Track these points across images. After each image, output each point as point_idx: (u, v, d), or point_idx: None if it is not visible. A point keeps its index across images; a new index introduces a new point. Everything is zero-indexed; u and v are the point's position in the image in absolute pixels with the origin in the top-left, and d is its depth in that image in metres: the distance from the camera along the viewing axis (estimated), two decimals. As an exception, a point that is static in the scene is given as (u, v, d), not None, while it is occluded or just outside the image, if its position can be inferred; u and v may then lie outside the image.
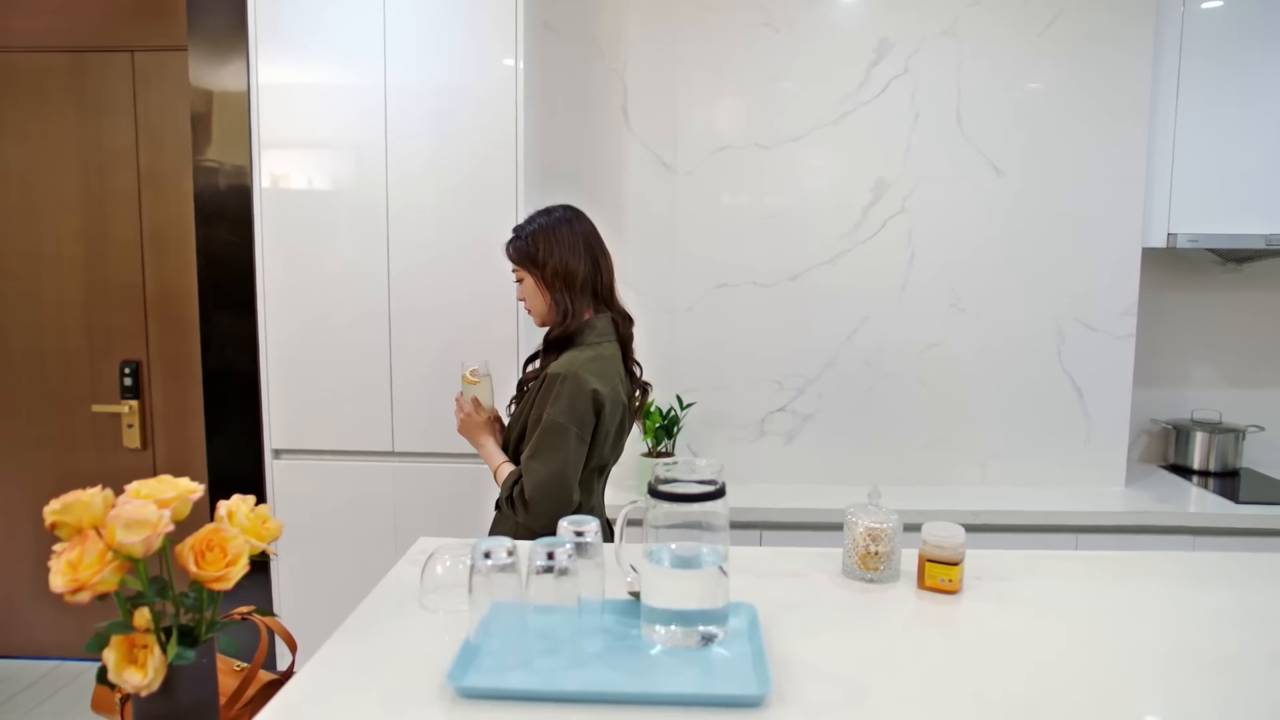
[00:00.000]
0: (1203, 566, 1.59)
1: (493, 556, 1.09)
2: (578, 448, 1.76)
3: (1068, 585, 1.44)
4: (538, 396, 1.80)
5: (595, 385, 1.76)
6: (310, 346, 2.47)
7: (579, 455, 1.76)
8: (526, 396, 1.88)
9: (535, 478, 1.73)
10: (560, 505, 1.71)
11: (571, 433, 1.74)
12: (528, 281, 1.90)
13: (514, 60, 2.35)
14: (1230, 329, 2.99)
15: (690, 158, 2.72)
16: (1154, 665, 1.16)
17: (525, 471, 1.76)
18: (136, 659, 1.05)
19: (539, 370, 1.90)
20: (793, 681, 1.08)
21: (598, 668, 1.10)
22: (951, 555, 1.37)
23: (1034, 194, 2.67)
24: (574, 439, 1.74)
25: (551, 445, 1.74)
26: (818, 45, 2.67)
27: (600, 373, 1.80)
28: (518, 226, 1.95)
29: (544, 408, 1.76)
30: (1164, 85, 2.61)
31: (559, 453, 1.73)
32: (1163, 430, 3.03)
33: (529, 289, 1.91)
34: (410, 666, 1.11)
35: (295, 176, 2.44)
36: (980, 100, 2.65)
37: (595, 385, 1.76)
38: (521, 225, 1.94)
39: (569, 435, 1.74)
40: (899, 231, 2.71)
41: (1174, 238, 2.63)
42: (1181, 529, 2.48)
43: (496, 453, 1.93)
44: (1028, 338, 2.73)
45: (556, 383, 1.76)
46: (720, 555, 1.18)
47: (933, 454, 2.78)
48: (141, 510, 1.03)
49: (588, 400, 1.76)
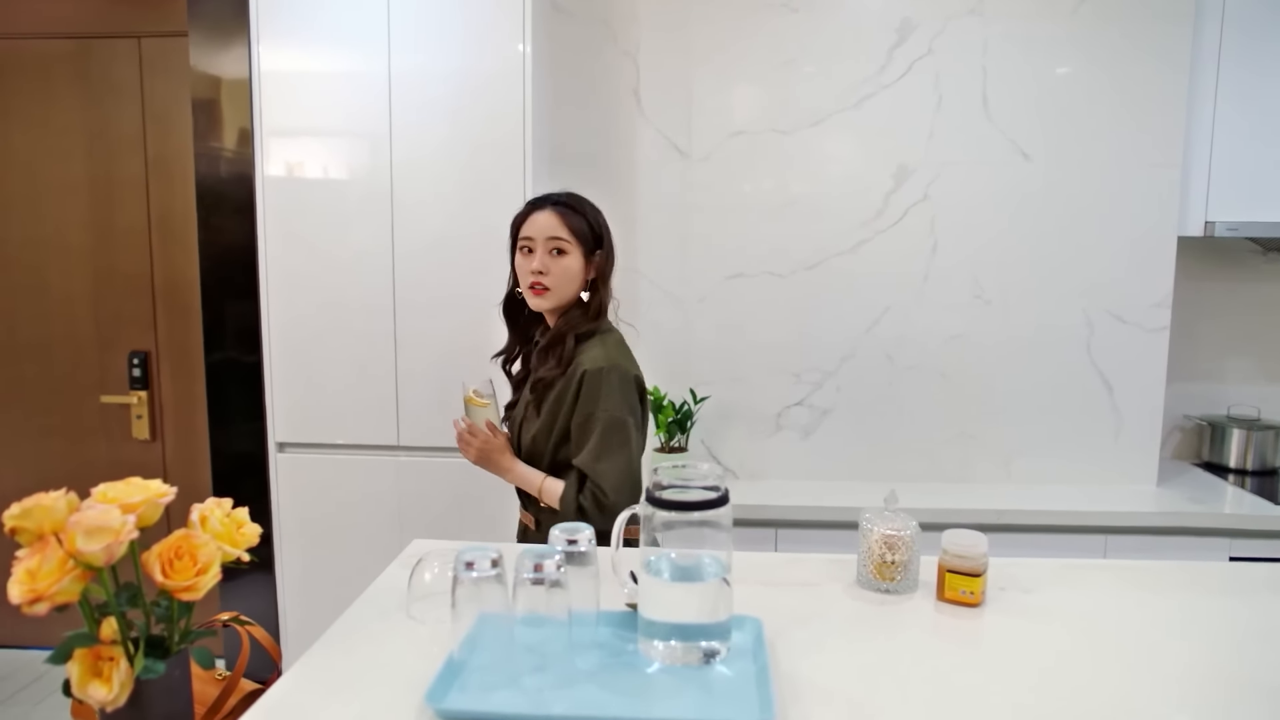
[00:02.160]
0: (1244, 579, 1.48)
1: (476, 567, 1.02)
2: (639, 438, 1.74)
3: (1098, 598, 1.34)
4: (578, 395, 1.69)
5: (636, 372, 1.76)
6: (314, 338, 2.41)
7: (641, 445, 1.75)
8: (550, 396, 1.75)
9: (612, 479, 1.67)
10: (636, 498, 1.64)
11: (631, 424, 1.71)
12: (570, 259, 1.75)
13: (522, 44, 2.28)
14: (1270, 322, 2.87)
15: (705, 143, 2.63)
16: (1193, 692, 1.07)
17: (596, 475, 1.67)
18: (101, 672, 1.00)
19: (554, 365, 1.74)
20: (799, 704, 1.00)
21: (589, 687, 1.02)
22: (974, 566, 1.29)
23: (1063, 180, 2.56)
24: (634, 430, 1.72)
25: (618, 441, 1.69)
26: (837, 26, 2.57)
27: (631, 359, 1.78)
28: (565, 196, 1.80)
29: (592, 406, 1.68)
30: (1203, 66, 2.48)
31: (626, 447, 1.69)
32: (1197, 427, 2.92)
33: (567, 268, 1.74)
34: (391, 682, 1.05)
35: (298, 164, 2.38)
36: (1007, 83, 2.54)
37: (636, 372, 1.76)
38: (568, 197, 1.80)
39: (630, 428, 1.70)
40: (921, 219, 2.61)
41: (1212, 226, 2.52)
42: (1217, 530, 2.37)
43: (532, 471, 1.79)
44: (1055, 330, 2.62)
45: (602, 378, 1.68)
46: (723, 566, 1.10)
47: (955, 450, 2.68)
48: (104, 516, 0.97)
49: (633, 388, 1.74)
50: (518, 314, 1.89)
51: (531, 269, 1.74)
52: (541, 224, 1.75)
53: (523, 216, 1.79)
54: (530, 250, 1.76)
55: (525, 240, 1.77)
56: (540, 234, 1.74)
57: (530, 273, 1.74)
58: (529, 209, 1.80)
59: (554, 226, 1.74)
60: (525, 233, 1.77)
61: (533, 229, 1.75)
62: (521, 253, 1.78)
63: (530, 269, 1.74)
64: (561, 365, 1.74)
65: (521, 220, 1.79)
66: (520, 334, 1.90)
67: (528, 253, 1.76)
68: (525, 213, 1.80)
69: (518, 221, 1.80)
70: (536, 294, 1.75)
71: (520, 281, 1.79)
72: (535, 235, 1.75)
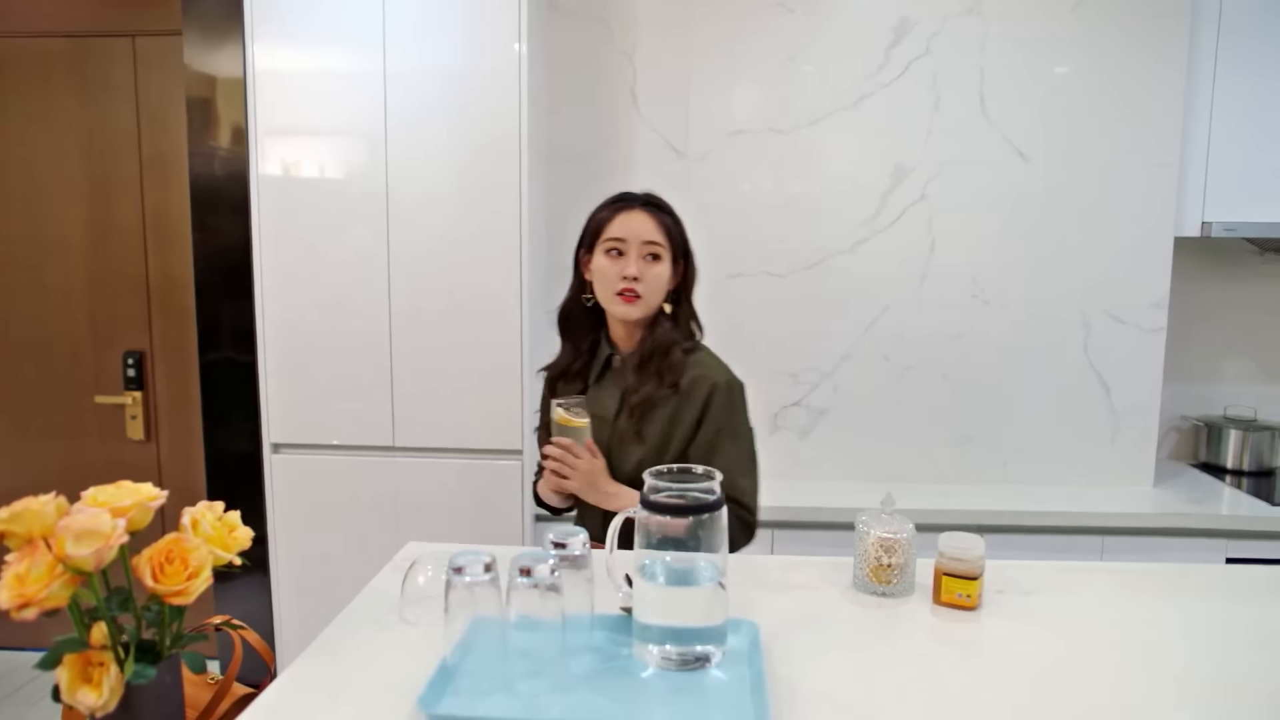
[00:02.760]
0: (1244, 581, 1.48)
1: (469, 571, 1.01)
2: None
3: (1095, 601, 1.34)
4: (704, 410, 1.59)
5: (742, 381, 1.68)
6: (309, 338, 2.40)
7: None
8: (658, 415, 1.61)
9: (753, 497, 1.60)
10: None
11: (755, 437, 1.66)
12: (663, 267, 1.61)
13: (518, 44, 2.27)
14: (1267, 323, 2.86)
15: (702, 143, 2.62)
16: (1191, 694, 1.06)
17: (738, 492, 1.56)
18: (91, 677, 0.99)
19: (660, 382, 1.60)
20: (795, 710, 0.99)
21: (583, 692, 1.02)
22: (970, 569, 1.28)
23: (1061, 180, 2.56)
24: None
25: (751, 457, 1.63)
26: (835, 26, 2.56)
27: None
28: (654, 196, 1.66)
29: (726, 421, 1.60)
30: (1200, 66, 2.48)
31: (755, 464, 1.64)
32: (1194, 427, 2.91)
33: (659, 275, 1.61)
34: (386, 686, 1.04)
35: (294, 164, 2.37)
36: (1005, 83, 2.54)
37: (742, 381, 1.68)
38: (657, 198, 1.66)
39: (755, 440, 1.66)
40: (919, 219, 2.60)
41: (1209, 226, 2.51)
42: (1214, 532, 2.37)
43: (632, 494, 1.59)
44: (1052, 330, 2.62)
45: (732, 392, 1.62)
46: (719, 569, 1.10)
47: (953, 451, 2.68)
48: (93, 520, 0.96)
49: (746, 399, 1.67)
50: (577, 323, 1.72)
51: (625, 274, 1.57)
52: (637, 226, 1.60)
53: (608, 215, 1.63)
54: (620, 254, 1.59)
55: (615, 242, 1.59)
56: (635, 236, 1.59)
57: (622, 278, 1.58)
58: (616, 207, 1.63)
59: (650, 230, 1.60)
60: (615, 233, 1.60)
61: (625, 230, 1.59)
62: (608, 256, 1.60)
63: (622, 274, 1.58)
64: (670, 382, 1.60)
65: (607, 219, 1.62)
66: (577, 346, 1.72)
67: (616, 256, 1.59)
68: (611, 211, 1.63)
69: (601, 220, 1.63)
70: (627, 301, 1.59)
71: (601, 287, 1.62)
72: (629, 238, 1.59)
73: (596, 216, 1.65)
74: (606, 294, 1.61)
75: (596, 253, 1.62)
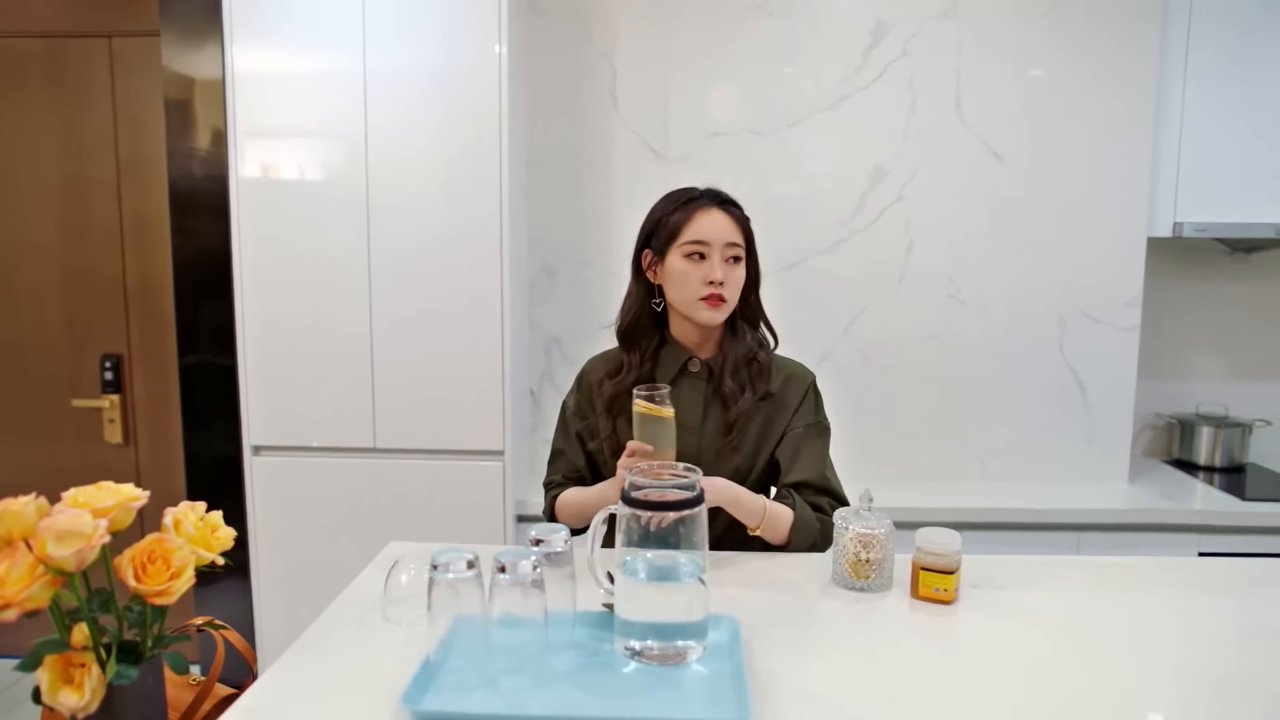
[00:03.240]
0: (1211, 575, 1.51)
1: (452, 569, 1.02)
2: None
3: (1070, 595, 1.36)
4: (799, 407, 1.60)
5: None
6: (290, 340, 2.40)
7: None
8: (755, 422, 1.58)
9: (842, 491, 1.60)
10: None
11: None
12: (743, 269, 1.55)
13: (498, 45, 2.27)
14: (1237, 321, 2.91)
15: (681, 144, 2.64)
16: (1160, 685, 1.08)
17: (831, 485, 1.58)
18: (73, 679, 0.99)
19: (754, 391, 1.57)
20: (774, 703, 1.01)
21: (566, 687, 1.03)
22: (947, 564, 1.30)
23: (1035, 182, 2.59)
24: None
25: (828, 451, 1.63)
26: (813, 28, 2.58)
27: None
28: (725, 194, 1.57)
29: (815, 416, 1.61)
30: (1171, 68, 2.52)
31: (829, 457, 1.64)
32: (1167, 425, 2.96)
33: (740, 279, 1.55)
34: (368, 684, 1.04)
35: (273, 165, 2.36)
36: (980, 85, 2.57)
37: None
38: (728, 196, 1.58)
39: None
40: (897, 220, 2.63)
41: (1180, 226, 2.55)
42: (1187, 527, 2.41)
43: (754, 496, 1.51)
44: (1028, 329, 2.65)
45: (816, 388, 1.64)
46: (699, 565, 1.11)
47: (930, 449, 2.71)
48: (75, 521, 0.96)
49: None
50: (643, 331, 1.62)
51: (711, 278, 1.49)
52: (718, 226, 1.51)
53: (684, 216, 1.53)
54: (702, 256, 1.51)
55: (697, 245, 1.50)
56: (718, 238, 1.51)
57: (707, 283, 1.49)
58: (691, 206, 1.54)
59: (730, 230, 1.52)
60: (696, 235, 1.51)
61: (708, 231, 1.51)
62: (689, 260, 1.51)
63: (708, 278, 1.49)
64: (764, 392, 1.57)
65: (684, 220, 1.52)
66: (643, 354, 1.60)
67: (699, 259, 1.51)
68: (686, 211, 1.53)
69: (677, 222, 1.53)
70: (712, 305, 1.51)
71: (680, 291, 1.53)
72: (712, 240, 1.50)
73: (670, 218, 1.54)
74: (688, 299, 1.52)
75: (672, 255, 1.52)
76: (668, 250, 1.53)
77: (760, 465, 1.58)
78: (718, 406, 1.56)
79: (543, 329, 2.73)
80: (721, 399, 1.54)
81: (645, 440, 1.41)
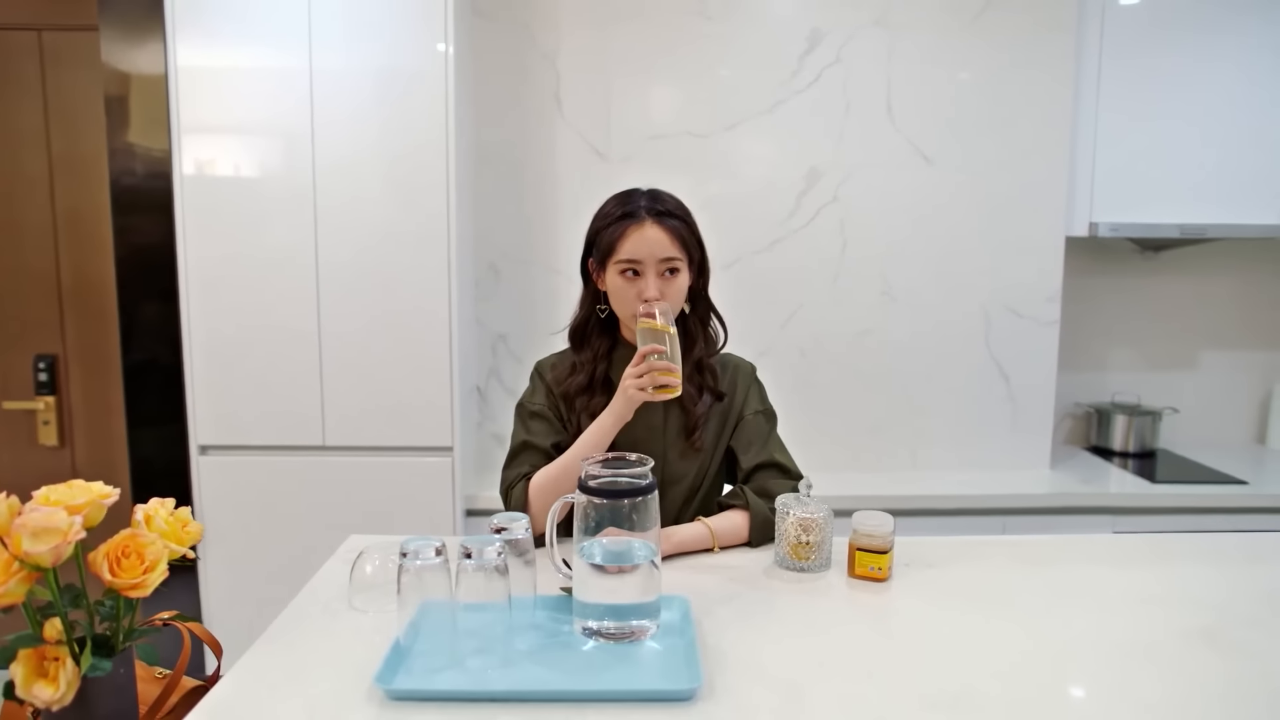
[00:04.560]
0: (1122, 550, 1.64)
1: (421, 555, 1.07)
2: None
3: (993, 571, 1.47)
4: (745, 398, 1.66)
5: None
6: (237, 338, 2.40)
7: None
8: (712, 424, 1.64)
9: (794, 460, 1.66)
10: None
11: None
12: (683, 277, 1.54)
13: (445, 45, 2.31)
14: (1147, 314, 3.10)
15: (624, 146, 2.70)
16: (1075, 650, 1.19)
17: (782, 463, 1.63)
18: (47, 672, 1.02)
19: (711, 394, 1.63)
20: (724, 675, 1.08)
21: (529, 666, 1.09)
22: (881, 544, 1.39)
23: (962, 184, 2.72)
24: None
25: (777, 429, 1.70)
26: (751, 34, 2.67)
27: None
28: (660, 202, 1.54)
29: (759, 404, 1.68)
30: (1086, 78, 2.68)
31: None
32: (1085, 413, 3.13)
33: (681, 288, 1.54)
34: (339, 669, 1.09)
35: (219, 162, 2.36)
36: (910, 90, 2.69)
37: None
38: (663, 203, 1.54)
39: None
40: (832, 220, 2.74)
41: (1095, 226, 2.71)
42: (1103, 509, 2.57)
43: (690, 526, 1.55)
44: (956, 324, 2.78)
45: (756, 376, 1.72)
46: (652, 550, 1.18)
47: (866, 440, 2.82)
48: (50, 518, 0.99)
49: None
50: (592, 335, 1.64)
51: (646, 296, 1.49)
52: (650, 243, 1.49)
53: (617, 233, 1.51)
54: (636, 273, 1.51)
55: (630, 264, 1.50)
56: (650, 256, 1.49)
57: (643, 300, 1.49)
58: (623, 220, 1.52)
59: (664, 244, 1.50)
60: (629, 254, 1.49)
61: (639, 249, 1.49)
62: (624, 277, 1.51)
63: (642, 296, 1.49)
64: (718, 393, 1.63)
65: (617, 238, 1.51)
66: (595, 356, 1.62)
67: (633, 275, 1.51)
68: (619, 228, 1.51)
69: (610, 240, 1.52)
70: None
71: (621, 306, 1.55)
72: (645, 258, 1.49)
73: (605, 234, 1.53)
74: (626, 314, 1.54)
75: (610, 271, 1.53)
76: (605, 265, 1.55)
77: (718, 459, 1.66)
78: (676, 408, 1.61)
79: (489, 327, 2.78)
80: (680, 400, 1.57)
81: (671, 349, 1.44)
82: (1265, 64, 2.69)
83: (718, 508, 1.63)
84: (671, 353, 1.44)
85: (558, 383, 1.63)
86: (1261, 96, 2.69)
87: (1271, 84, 2.69)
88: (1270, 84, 2.69)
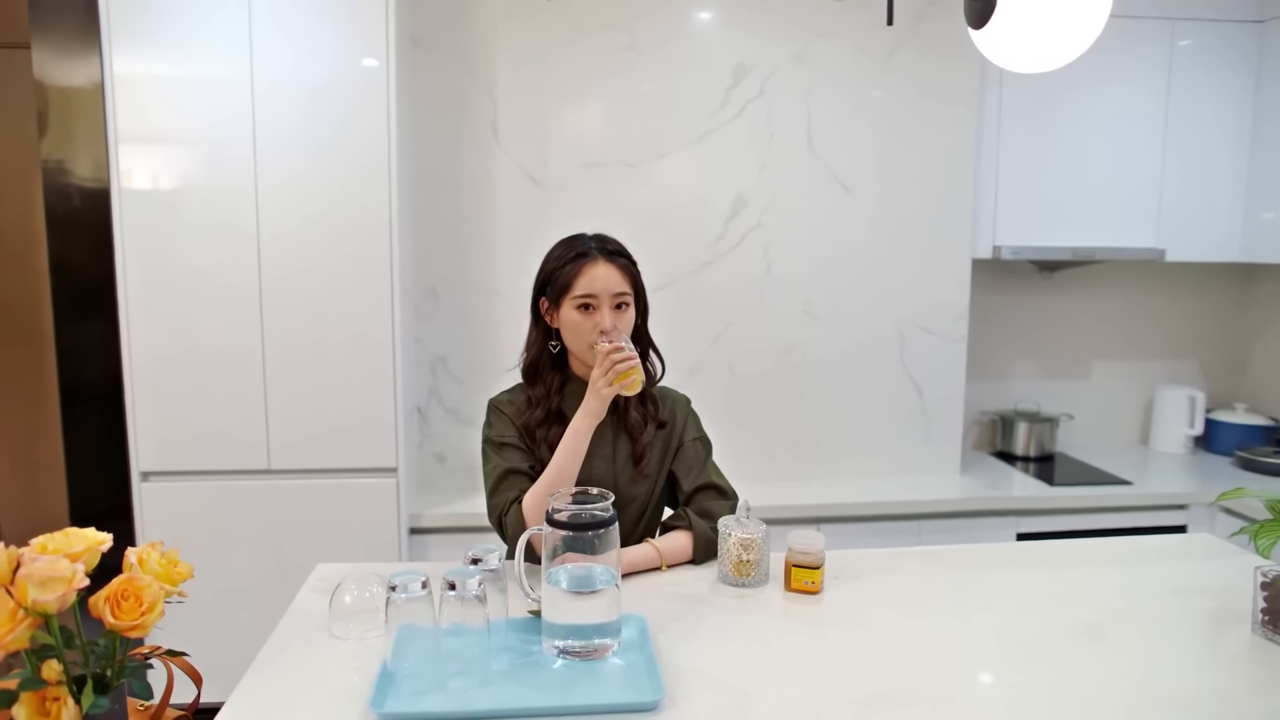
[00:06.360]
0: (1026, 555, 1.85)
1: (408, 589, 1.17)
2: None
3: (912, 580, 1.64)
4: (684, 426, 1.79)
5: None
6: (178, 360, 2.41)
7: None
8: (655, 451, 1.76)
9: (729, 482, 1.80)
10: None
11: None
12: (631, 312, 1.68)
13: (385, 70, 2.36)
14: (1045, 329, 3.36)
15: (559, 174, 2.81)
16: (985, 646, 1.36)
17: (718, 485, 1.77)
18: (49, 712, 1.08)
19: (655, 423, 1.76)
20: (682, 685, 1.21)
21: (507, 684, 1.20)
22: (814, 560, 1.54)
23: (877, 210, 2.92)
24: None
25: (713, 455, 1.84)
26: (680, 68, 2.81)
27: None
28: (612, 244, 1.70)
29: (696, 431, 1.81)
30: (989, 114, 2.90)
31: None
32: (991, 421, 3.37)
33: (630, 322, 1.68)
34: (329, 695, 1.18)
35: (157, 178, 2.37)
36: (828, 122, 2.86)
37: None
38: (614, 245, 1.70)
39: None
40: (757, 244, 2.89)
41: (999, 249, 2.94)
42: (1008, 511, 2.80)
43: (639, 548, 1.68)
44: (873, 341, 2.98)
45: (690, 408, 1.85)
46: (613, 574, 1.30)
47: (792, 451, 2.99)
48: (54, 566, 1.05)
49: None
50: (543, 371, 1.74)
51: (601, 328, 1.62)
52: (604, 279, 1.63)
53: (573, 270, 1.64)
54: (591, 307, 1.63)
55: (586, 298, 1.62)
56: (605, 291, 1.63)
57: (599, 332, 1.62)
58: (581, 261, 1.64)
59: (617, 281, 1.64)
60: (586, 289, 1.62)
61: (595, 285, 1.62)
62: (580, 311, 1.63)
63: (598, 328, 1.62)
64: (660, 421, 1.76)
65: (573, 275, 1.63)
66: (548, 390, 1.72)
67: (586, 310, 1.63)
68: (574, 266, 1.64)
69: (567, 277, 1.64)
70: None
71: (575, 340, 1.66)
72: (599, 293, 1.62)
73: (560, 274, 1.65)
74: (582, 346, 1.65)
75: (565, 306, 1.64)
76: (561, 301, 1.65)
77: (662, 482, 1.78)
78: (624, 437, 1.73)
79: (429, 348, 2.84)
80: (627, 430, 1.72)
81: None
82: (1144, 105, 2.96)
83: (661, 529, 1.77)
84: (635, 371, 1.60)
85: (518, 415, 1.72)
86: (1141, 133, 2.97)
87: (1149, 122, 2.97)
88: (1148, 122, 2.97)
